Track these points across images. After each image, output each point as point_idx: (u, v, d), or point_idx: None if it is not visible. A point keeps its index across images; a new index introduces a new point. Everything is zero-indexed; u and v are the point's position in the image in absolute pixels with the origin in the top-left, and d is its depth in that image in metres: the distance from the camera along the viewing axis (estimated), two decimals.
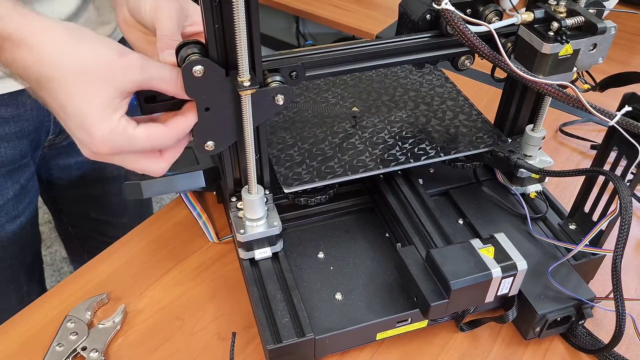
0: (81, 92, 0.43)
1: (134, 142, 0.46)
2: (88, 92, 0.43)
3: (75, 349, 0.58)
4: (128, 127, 0.45)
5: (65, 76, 0.42)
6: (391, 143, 0.69)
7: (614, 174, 0.55)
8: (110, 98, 0.44)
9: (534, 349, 0.60)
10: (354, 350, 0.60)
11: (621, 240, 0.52)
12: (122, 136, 0.45)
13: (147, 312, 0.63)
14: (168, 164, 0.51)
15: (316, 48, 0.56)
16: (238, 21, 0.44)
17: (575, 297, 0.58)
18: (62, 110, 0.44)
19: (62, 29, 0.43)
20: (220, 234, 0.72)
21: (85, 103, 0.43)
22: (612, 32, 0.52)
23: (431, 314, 0.54)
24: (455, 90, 0.79)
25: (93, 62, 0.43)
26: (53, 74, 0.42)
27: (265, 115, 0.53)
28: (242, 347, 0.59)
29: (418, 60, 0.61)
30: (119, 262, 0.68)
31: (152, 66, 0.46)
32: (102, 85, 0.43)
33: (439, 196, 0.73)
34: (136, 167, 0.49)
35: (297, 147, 0.68)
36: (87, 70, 0.43)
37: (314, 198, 0.64)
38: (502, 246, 0.55)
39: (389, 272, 0.62)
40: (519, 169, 0.66)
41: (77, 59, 0.42)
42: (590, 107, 0.50)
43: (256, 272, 0.61)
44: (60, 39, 0.43)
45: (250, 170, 0.55)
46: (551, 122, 0.92)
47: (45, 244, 1.77)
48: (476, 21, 0.51)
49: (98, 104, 0.43)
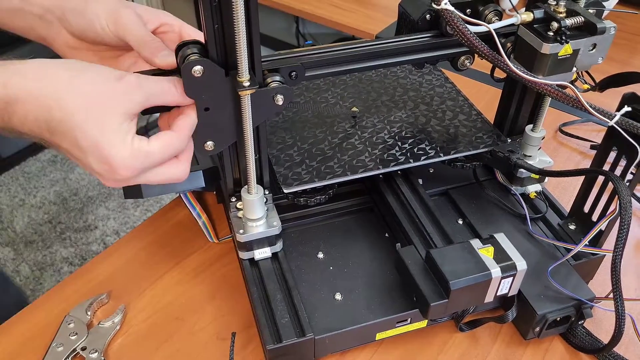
0: (91, 124, 0.43)
1: (152, 157, 0.47)
2: (98, 122, 0.43)
3: (75, 349, 0.58)
4: (142, 145, 0.46)
5: (72, 114, 0.43)
6: (391, 143, 0.69)
7: (613, 174, 0.55)
8: (119, 123, 0.44)
9: (534, 349, 0.60)
10: (353, 350, 0.60)
11: (621, 240, 0.52)
12: (140, 156, 0.46)
13: (147, 312, 0.63)
14: (188, 165, 0.51)
15: (316, 48, 0.56)
16: (238, 21, 0.44)
17: (575, 297, 0.58)
18: (77, 149, 0.44)
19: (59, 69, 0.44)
20: (220, 234, 0.72)
21: (98, 134, 0.43)
22: (611, 32, 0.52)
23: (431, 314, 0.54)
24: (454, 90, 0.79)
25: (94, 93, 0.43)
26: (61, 116, 0.43)
27: (265, 115, 0.53)
28: (242, 347, 0.59)
29: (418, 60, 0.61)
30: (119, 262, 0.68)
31: (150, 82, 0.46)
32: (109, 113, 0.44)
33: (439, 196, 0.73)
34: (160, 179, 0.50)
35: (297, 147, 0.68)
36: (91, 103, 0.43)
37: (313, 198, 0.64)
38: (502, 246, 0.55)
39: (389, 272, 0.62)
40: (518, 169, 0.66)
41: (79, 95, 0.43)
42: (590, 108, 0.50)
43: (256, 272, 0.61)
44: (58, 81, 0.43)
45: (250, 170, 0.55)
46: (551, 122, 0.92)
47: (45, 244, 1.77)
48: (476, 21, 0.51)
49: (110, 132, 0.44)
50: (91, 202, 1.92)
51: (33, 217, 1.87)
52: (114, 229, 1.83)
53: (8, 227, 1.83)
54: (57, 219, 1.86)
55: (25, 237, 1.80)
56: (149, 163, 0.47)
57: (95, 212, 1.88)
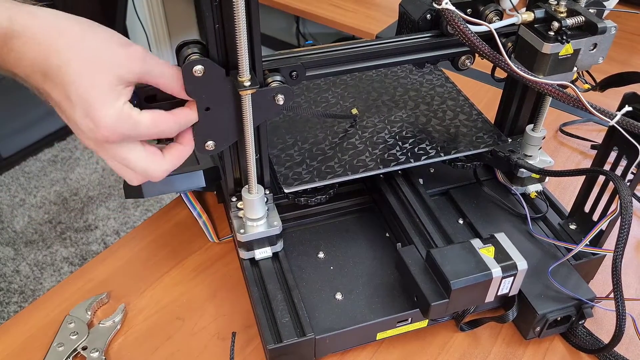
0: (87, 78, 0.43)
1: (139, 127, 0.46)
2: (94, 78, 0.44)
3: (75, 348, 0.58)
4: (132, 112, 0.46)
5: (69, 64, 0.43)
6: (391, 143, 0.68)
7: (614, 174, 0.55)
8: (113, 84, 0.44)
9: (534, 348, 0.60)
10: (354, 350, 0.60)
11: (621, 240, 0.52)
12: (127, 121, 0.45)
13: (147, 312, 0.63)
14: (168, 167, 0.51)
15: (316, 48, 0.56)
16: (238, 21, 0.44)
17: (576, 296, 0.58)
18: (66, 100, 0.44)
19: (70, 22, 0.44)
20: (221, 234, 0.72)
21: (91, 88, 0.44)
22: (612, 32, 0.52)
23: (431, 314, 0.54)
24: (455, 90, 0.79)
25: (98, 51, 0.44)
26: (58, 63, 0.43)
27: (266, 115, 0.53)
28: (242, 347, 0.59)
29: (418, 60, 0.61)
30: (119, 262, 0.68)
31: (154, 61, 0.46)
32: (104, 72, 0.44)
33: (439, 196, 0.73)
34: (136, 164, 0.49)
35: (298, 147, 0.68)
36: (92, 59, 0.44)
37: (314, 198, 0.64)
38: (503, 246, 0.55)
39: (389, 272, 0.62)
40: (519, 168, 0.66)
41: (84, 50, 0.43)
42: (591, 107, 0.50)
43: (256, 272, 0.61)
44: (68, 33, 0.43)
45: (251, 170, 0.55)
46: (551, 122, 0.92)
47: (45, 244, 1.77)
48: (476, 21, 0.51)
49: (102, 90, 0.44)
50: (91, 202, 1.92)
51: (33, 216, 1.87)
52: (114, 229, 1.83)
53: (8, 227, 1.83)
54: (57, 218, 1.86)
55: (25, 236, 1.80)
56: (133, 132, 0.46)
57: (95, 212, 1.88)
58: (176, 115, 0.49)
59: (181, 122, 0.49)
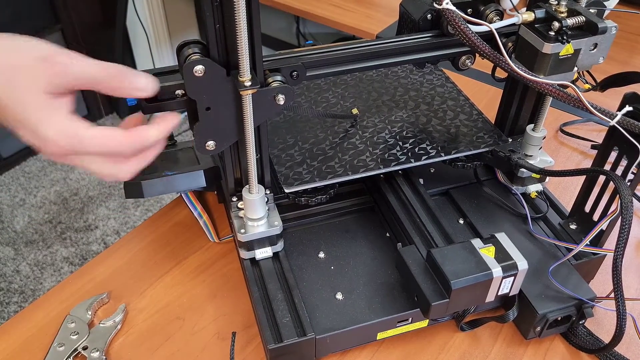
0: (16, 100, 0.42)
1: (85, 144, 0.44)
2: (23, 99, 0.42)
3: (76, 348, 0.58)
4: (76, 128, 0.44)
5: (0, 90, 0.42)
6: (392, 143, 0.68)
7: (614, 174, 0.55)
8: (44, 100, 0.43)
9: (535, 348, 0.60)
10: (354, 349, 0.60)
11: (622, 240, 0.52)
12: (72, 137, 0.44)
13: (148, 312, 0.63)
14: (132, 169, 0.48)
15: (317, 48, 0.56)
16: (239, 21, 0.44)
17: (576, 296, 0.58)
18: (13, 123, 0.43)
19: None
20: (221, 233, 0.72)
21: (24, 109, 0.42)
22: (612, 32, 0.52)
23: (432, 314, 0.54)
24: (455, 90, 0.79)
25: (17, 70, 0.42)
26: None
27: (266, 115, 0.53)
28: (242, 347, 0.59)
29: (419, 60, 0.61)
30: (120, 262, 0.68)
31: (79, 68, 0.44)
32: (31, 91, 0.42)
33: (440, 196, 0.73)
34: (96, 170, 0.47)
35: (298, 147, 0.68)
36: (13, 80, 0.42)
37: (314, 198, 0.64)
38: (503, 246, 0.55)
39: (390, 272, 0.62)
40: (519, 168, 0.66)
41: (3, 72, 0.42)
42: (591, 107, 0.50)
43: (257, 271, 0.61)
44: None
45: (251, 170, 0.55)
46: (552, 122, 0.92)
47: (45, 244, 1.77)
48: (477, 21, 0.51)
49: (36, 107, 0.43)
50: (91, 202, 1.92)
51: (33, 216, 1.87)
52: (114, 229, 1.83)
53: (8, 227, 1.83)
54: (57, 218, 1.86)
55: (25, 236, 1.80)
56: (80, 148, 0.44)
57: (95, 212, 1.88)
58: (130, 136, 0.46)
59: (135, 142, 0.46)
